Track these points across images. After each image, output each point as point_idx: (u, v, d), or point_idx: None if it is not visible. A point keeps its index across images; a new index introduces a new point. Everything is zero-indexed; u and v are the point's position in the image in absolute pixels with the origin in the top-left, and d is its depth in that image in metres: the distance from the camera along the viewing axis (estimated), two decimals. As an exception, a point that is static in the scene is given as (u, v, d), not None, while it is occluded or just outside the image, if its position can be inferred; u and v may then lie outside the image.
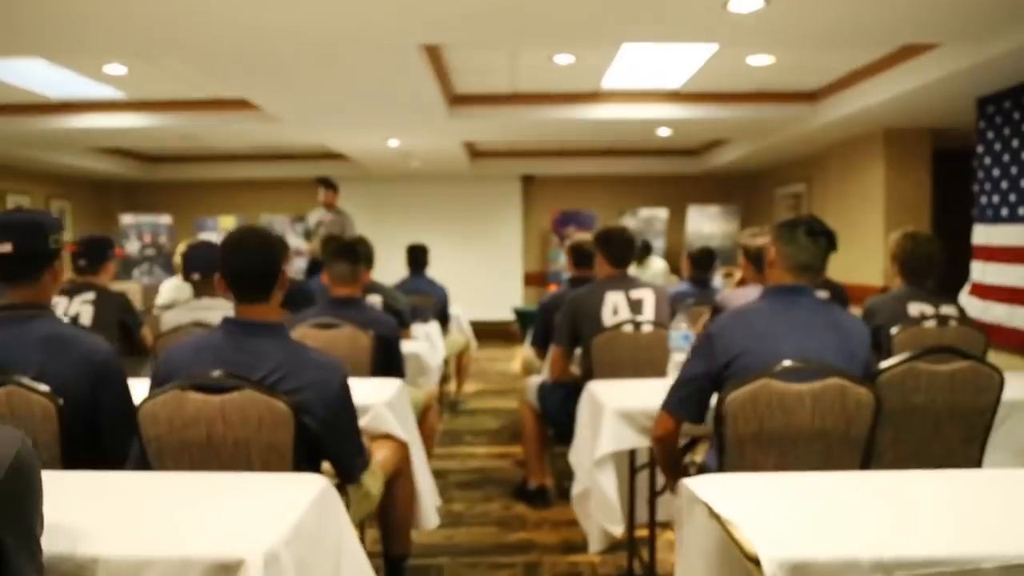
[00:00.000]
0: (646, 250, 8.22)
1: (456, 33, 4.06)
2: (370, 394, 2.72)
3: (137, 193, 10.21)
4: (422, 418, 3.83)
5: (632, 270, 8.87)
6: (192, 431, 1.99)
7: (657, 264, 8.27)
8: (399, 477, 2.63)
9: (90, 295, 3.58)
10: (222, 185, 10.19)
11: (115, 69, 5.05)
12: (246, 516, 1.55)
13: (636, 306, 3.50)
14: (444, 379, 6.26)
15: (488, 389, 7.05)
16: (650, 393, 2.54)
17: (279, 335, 2.10)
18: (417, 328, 5.06)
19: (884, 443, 2.34)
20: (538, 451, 3.92)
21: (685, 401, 2.24)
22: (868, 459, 2.07)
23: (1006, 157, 4.90)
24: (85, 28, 3.75)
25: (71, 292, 3.60)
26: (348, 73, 4.76)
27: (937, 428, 2.35)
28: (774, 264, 2.32)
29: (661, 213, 9.94)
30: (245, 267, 2.05)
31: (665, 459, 2.41)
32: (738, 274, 5.67)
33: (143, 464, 2.02)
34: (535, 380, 3.87)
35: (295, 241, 9.65)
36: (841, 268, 5.40)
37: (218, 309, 3.46)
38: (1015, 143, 4.80)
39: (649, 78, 5.74)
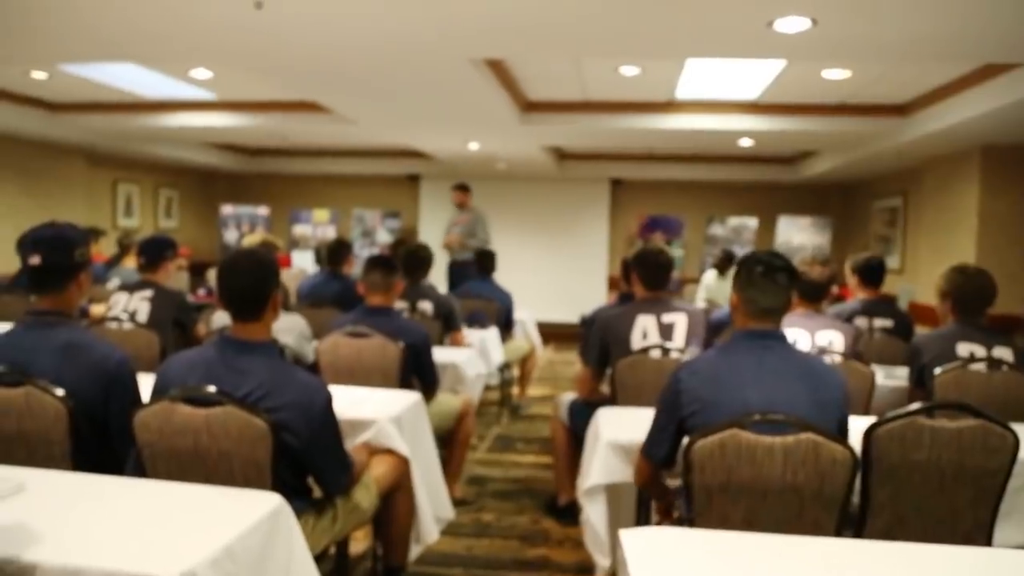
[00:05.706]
0: (728, 261, 7.97)
1: (513, 47, 4.12)
2: (379, 408, 2.80)
3: (239, 184, 10.74)
4: (457, 426, 3.91)
5: (712, 280, 8.48)
6: (180, 440, 2.12)
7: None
8: (398, 491, 2.69)
9: (148, 292, 3.82)
10: (318, 179, 10.58)
11: (201, 73, 5.36)
12: (185, 532, 1.64)
13: (666, 331, 3.44)
14: (506, 384, 6.32)
15: (556, 394, 7.01)
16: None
17: (267, 354, 2.20)
18: (473, 334, 5.12)
19: (882, 499, 2.23)
20: (568, 467, 3.90)
21: (655, 445, 2.24)
22: (844, 518, 1.98)
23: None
24: (168, 37, 4.00)
25: (132, 289, 3.86)
26: (414, 85, 4.89)
27: (942, 488, 2.21)
28: (737, 307, 2.23)
29: (751, 222, 9.68)
30: (237, 288, 2.17)
31: (654, 496, 2.40)
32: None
33: (139, 468, 2.17)
34: (567, 397, 3.86)
35: (384, 236, 9.96)
36: (931, 290, 5.04)
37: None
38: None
39: (724, 89, 5.60)
